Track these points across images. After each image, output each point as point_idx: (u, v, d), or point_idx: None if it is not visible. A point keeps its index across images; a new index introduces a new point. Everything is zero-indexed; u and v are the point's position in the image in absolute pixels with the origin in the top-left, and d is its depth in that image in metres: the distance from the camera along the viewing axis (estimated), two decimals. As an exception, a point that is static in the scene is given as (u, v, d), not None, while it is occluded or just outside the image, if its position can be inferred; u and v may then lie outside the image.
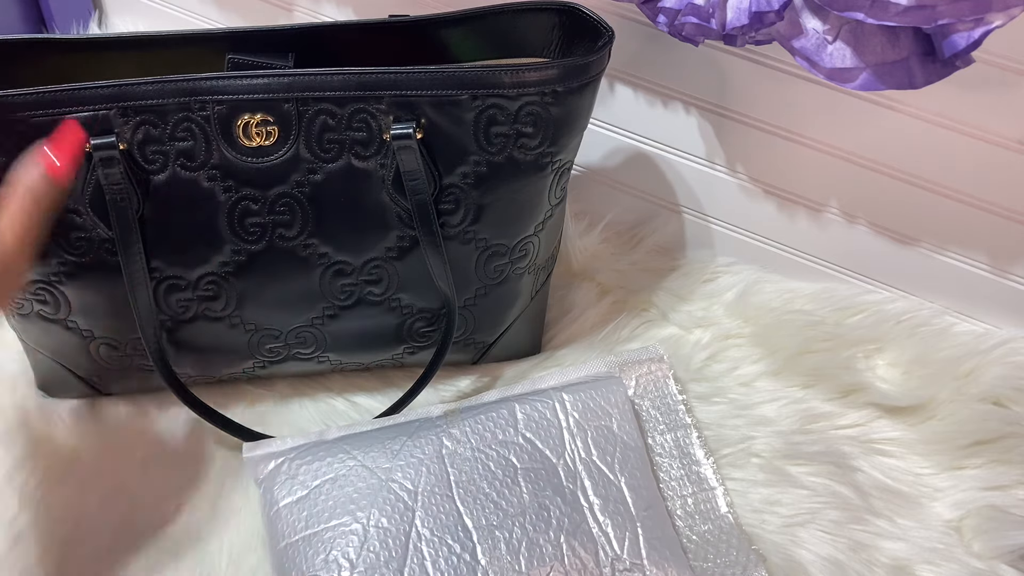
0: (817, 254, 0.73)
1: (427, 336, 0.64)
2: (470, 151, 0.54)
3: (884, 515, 0.61)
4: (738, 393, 0.68)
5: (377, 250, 0.57)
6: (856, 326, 0.71)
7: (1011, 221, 0.64)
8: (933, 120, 0.61)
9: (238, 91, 0.50)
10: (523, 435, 0.58)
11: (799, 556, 0.59)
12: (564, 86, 0.52)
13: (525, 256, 0.61)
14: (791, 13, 0.52)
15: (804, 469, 0.63)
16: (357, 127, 0.52)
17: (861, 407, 0.68)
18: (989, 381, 0.66)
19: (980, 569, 0.58)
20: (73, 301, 0.56)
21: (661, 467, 0.63)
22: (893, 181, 0.65)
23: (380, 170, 0.54)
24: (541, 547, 0.54)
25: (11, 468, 0.61)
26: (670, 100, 0.70)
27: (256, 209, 0.54)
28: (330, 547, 0.53)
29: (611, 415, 0.60)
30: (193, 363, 0.62)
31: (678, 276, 0.76)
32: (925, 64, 0.51)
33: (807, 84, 0.63)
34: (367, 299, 0.59)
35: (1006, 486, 0.63)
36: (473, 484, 0.56)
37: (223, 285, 0.57)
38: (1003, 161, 0.61)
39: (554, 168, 0.57)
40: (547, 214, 0.59)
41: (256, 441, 0.60)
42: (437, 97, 0.52)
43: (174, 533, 0.59)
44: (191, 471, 0.62)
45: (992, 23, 0.47)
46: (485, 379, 0.69)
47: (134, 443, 0.63)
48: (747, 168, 0.71)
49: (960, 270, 0.68)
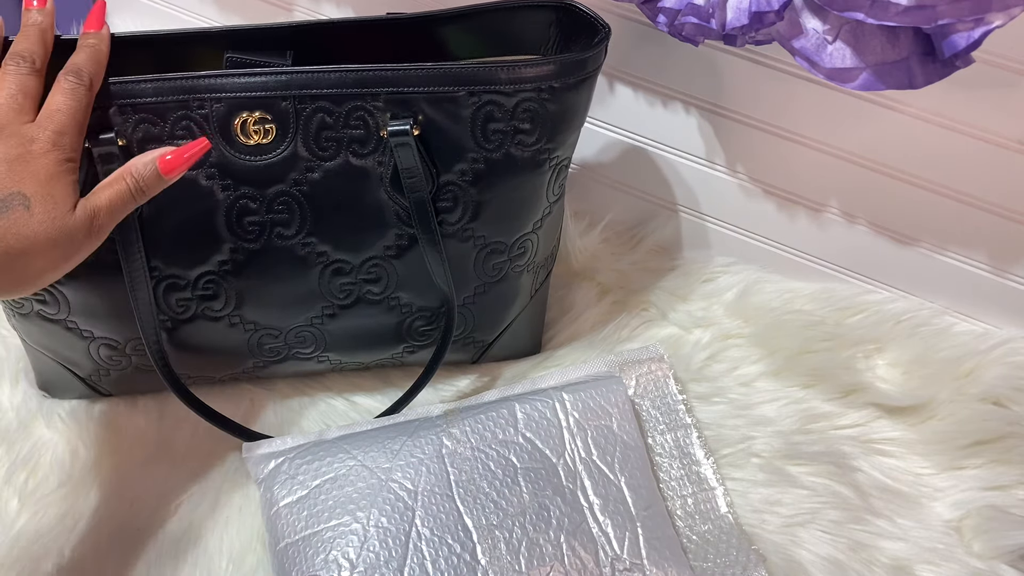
0: (817, 254, 0.73)
1: (427, 335, 0.64)
2: (467, 148, 0.54)
3: (884, 515, 0.61)
4: (738, 393, 0.68)
5: (376, 248, 0.57)
6: (856, 326, 0.71)
7: (1011, 221, 0.63)
8: (933, 120, 0.61)
9: (236, 89, 0.50)
10: (523, 435, 0.58)
11: (799, 556, 0.59)
12: (561, 82, 0.53)
13: (524, 254, 0.61)
14: (791, 13, 0.52)
15: (804, 469, 0.63)
16: (354, 125, 0.52)
17: (861, 407, 0.67)
18: (989, 381, 0.66)
19: (980, 569, 0.58)
20: (73, 301, 0.56)
21: (661, 467, 0.63)
22: (893, 181, 0.65)
23: (378, 168, 0.54)
24: (541, 547, 0.54)
25: (11, 468, 0.61)
26: (670, 100, 0.70)
27: (254, 208, 0.54)
28: (330, 547, 0.53)
29: (611, 415, 0.60)
30: (193, 363, 0.62)
31: (678, 276, 0.76)
32: (925, 64, 0.51)
33: (807, 84, 0.63)
34: (366, 298, 0.59)
35: (1006, 486, 0.63)
36: (473, 484, 0.56)
37: (222, 284, 0.57)
38: (1003, 161, 0.61)
39: (552, 165, 0.57)
40: (545, 211, 0.59)
41: (256, 441, 0.60)
42: (434, 94, 0.52)
43: (174, 533, 0.59)
44: (191, 471, 0.62)
45: (992, 23, 0.47)
46: (485, 379, 0.69)
47: (134, 443, 0.63)
48: (747, 168, 0.71)
49: (960, 270, 0.68)
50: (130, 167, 0.47)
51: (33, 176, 0.43)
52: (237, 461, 0.62)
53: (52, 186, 0.44)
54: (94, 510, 0.59)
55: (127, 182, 0.46)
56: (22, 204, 0.42)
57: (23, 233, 0.42)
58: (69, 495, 0.60)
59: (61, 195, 0.44)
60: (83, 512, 0.59)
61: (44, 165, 0.44)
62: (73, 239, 0.44)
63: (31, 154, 0.44)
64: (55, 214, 0.43)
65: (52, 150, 0.44)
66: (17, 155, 0.43)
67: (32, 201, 0.43)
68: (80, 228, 0.44)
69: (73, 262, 0.45)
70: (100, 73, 0.48)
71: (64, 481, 0.61)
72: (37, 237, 0.43)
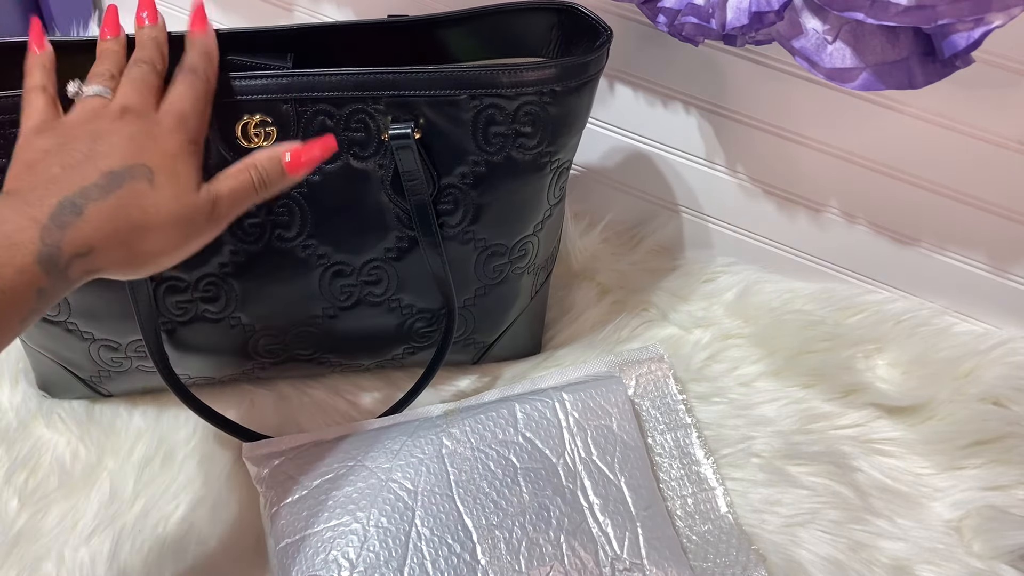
0: (817, 254, 0.73)
1: (427, 336, 0.64)
2: (469, 151, 0.54)
3: (884, 515, 0.61)
4: (738, 393, 0.68)
5: (376, 251, 0.57)
6: (856, 326, 0.71)
7: (1011, 221, 0.63)
8: (933, 120, 0.61)
9: (237, 92, 0.50)
10: (523, 435, 0.58)
11: (799, 556, 0.59)
12: (562, 85, 0.52)
13: (524, 256, 0.61)
14: (791, 13, 0.52)
15: (804, 469, 0.63)
16: (355, 127, 0.52)
17: (861, 407, 0.68)
18: (989, 381, 0.66)
19: (980, 569, 0.58)
20: (73, 303, 0.56)
21: (661, 467, 0.63)
22: (893, 181, 0.65)
23: (379, 171, 0.54)
24: (541, 547, 0.54)
25: (11, 468, 0.61)
26: (670, 100, 0.70)
27: (255, 210, 0.54)
28: (330, 547, 0.53)
29: (611, 415, 0.60)
30: (193, 364, 0.62)
31: (678, 276, 0.76)
32: (925, 64, 0.51)
33: (807, 84, 0.63)
34: (367, 300, 0.59)
35: (1006, 486, 0.63)
36: (473, 484, 0.56)
37: (222, 286, 0.57)
38: (1003, 161, 0.61)
39: (553, 167, 0.57)
40: (546, 214, 0.59)
41: (256, 441, 0.60)
42: (435, 97, 0.52)
43: (174, 533, 0.59)
44: (191, 471, 0.62)
45: (992, 23, 0.47)
46: (485, 379, 0.69)
47: (134, 443, 0.64)
48: (747, 168, 0.71)
49: (960, 270, 0.68)
50: (255, 159, 0.46)
51: (159, 152, 0.43)
52: (237, 461, 0.62)
53: (176, 163, 0.43)
54: (94, 510, 0.60)
55: (251, 174, 0.46)
56: (146, 177, 0.42)
57: (144, 205, 0.42)
58: (69, 495, 0.60)
59: (185, 174, 0.44)
60: (83, 512, 0.59)
61: (170, 143, 0.44)
62: (194, 220, 0.44)
63: (157, 133, 0.44)
64: (178, 191, 0.43)
65: (177, 131, 0.44)
66: (143, 132, 0.43)
67: (156, 175, 0.42)
68: (202, 210, 0.44)
69: (191, 247, 0.45)
70: (214, 67, 0.48)
71: (64, 481, 0.61)
72: (159, 211, 0.42)
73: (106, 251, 0.41)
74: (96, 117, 0.44)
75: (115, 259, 0.42)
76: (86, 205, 0.40)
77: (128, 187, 0.41)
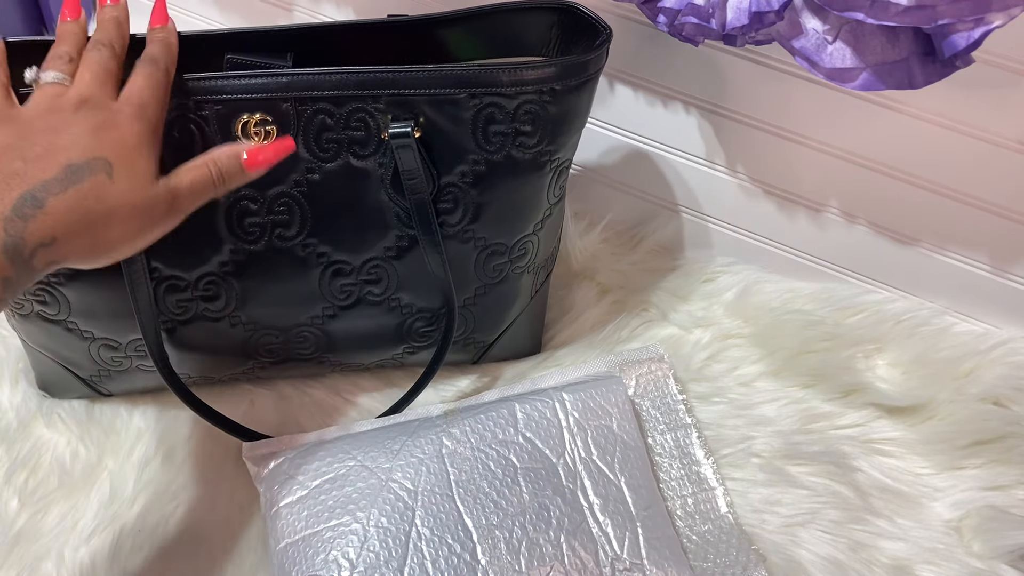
0: (817, 254, 0.73)
1: (427, 336, 0.64)
2: (468, 150, 0.54)
3: (884, 515, 0.61)
4: (738, 393, 0.68)
5: (376, 250, 0.57)
6: (856, 326, 0.71)
7: (1011, 221, 0.63)
8: (933, 120, 0.61)
9: (237, 91, 0.50)
10: (523, 435, 0.58)
11: (799, 556, 0.59)
12: (562, 84, 0.53)
13: (524, 255, 0.61)
14: (791, 13, 0.52)
15: (804, 469, 0.63)
16: (355, 126, 0.52)
17: (861, 407, 0.67)
18: (989, 381, 0.66)
19: (980, 569, 0.58)
20: (73, 302, 0.56)
21: (661, 467, 0.63)
22: (893, 181, 0.65)
23: (378, 169, 0.54)
24: (541, 547, 0.54)
25: (11, 468, 0.61)
26: (670, 100, 0.70)
27: (255, 209, 0.54)
28: (330, 547, 0.53)
29: (611, 415, 0.60)
30: (193, 363, 0.62)
31: (678, 276, 0.76)
32: (925, 64, 0.51)
33: (807, 84, 0.63)
34: (367, 299, 0.59)
35: (1006, 486, 0.63)
36: (473, 484, 0.56)
37: (223, 285, 0.57)
38: (1003, 161, 0.61)
39: (553, 167, 0.57)
40: (546, 213, 0.59)
41: (256, 441, 0.60)
42: (435, 96, 0.52)
43: (174, 533, 0.59)
44: (191, 471, 0.62)
45: (992, 23, 0.47)
46: (485, 379, 0.69)
47: (134, 443, 0.64)
48: (747, 168, 0.71)
49: (960, 270, 0.68)
50: (214, 155, 0.47)
51: (117, 144, 0.44)
52: (237, 461, 0.62)
53: (135, 156, 0.44)
54: (94, 510, 0.60)
55: (211, 169, 0.47)
56: (104, 170, 0.43)
57: (103, 197, 0.43)
58: (69, 495, 0.60)
59: (143, 166, 0.44)
60: (83, 512, 0.59)
61: (128, 135, 0.44)
62: (152, 212, 0.45)
63: (116, 124, 0.44)
64: (136, 184, 0.44)
65: (136, 122, 0.45)
66: (102, 124, 0.44)
67: (115, 168, 0.43)
68: (160, 202, 0.45)
69: (150, 236, 0.45)
70: (173, 61, 0.49)
71: (64, 481, 0.61)
72: (118, 203, 0.43)
73: (69, 241, 0.42)
74: (55, 108, 0.44)
75: (78, 248, 0.43)
76: (47, 199, 0.41)
77: (88, 180, 0.42)
